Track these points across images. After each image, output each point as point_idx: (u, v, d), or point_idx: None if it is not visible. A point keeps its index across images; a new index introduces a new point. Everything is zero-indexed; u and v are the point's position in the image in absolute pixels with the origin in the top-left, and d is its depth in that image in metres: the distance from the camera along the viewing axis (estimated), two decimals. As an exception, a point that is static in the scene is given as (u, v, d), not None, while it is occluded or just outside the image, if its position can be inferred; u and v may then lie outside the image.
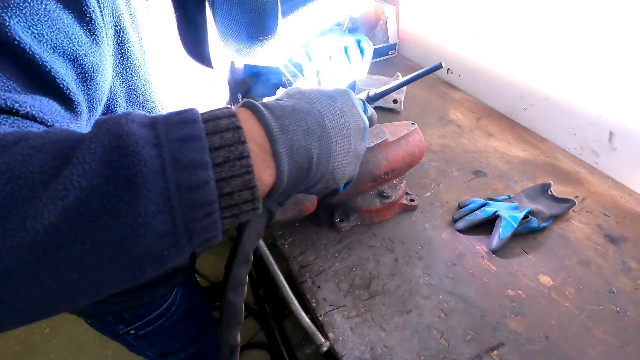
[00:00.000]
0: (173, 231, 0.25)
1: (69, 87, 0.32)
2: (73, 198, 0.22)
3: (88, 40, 0.34)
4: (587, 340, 0.60)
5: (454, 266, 0.70)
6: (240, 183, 0.27)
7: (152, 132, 0.25)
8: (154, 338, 0.78)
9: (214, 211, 0.26)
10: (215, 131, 0.27)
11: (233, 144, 0.27)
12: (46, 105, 0.30)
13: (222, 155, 0.26)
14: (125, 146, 0.24)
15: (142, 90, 0.44)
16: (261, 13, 0.47)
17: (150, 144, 0.24)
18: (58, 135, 0.25)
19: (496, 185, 0.88)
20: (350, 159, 0.38)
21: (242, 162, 0.27)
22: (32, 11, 0.30)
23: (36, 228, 0.22)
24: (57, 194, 0.22)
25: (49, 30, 0.31)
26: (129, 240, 0.24)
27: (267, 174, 0.30)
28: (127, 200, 0.23)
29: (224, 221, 0.27)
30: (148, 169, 0.24)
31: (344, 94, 0.39)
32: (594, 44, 0.86)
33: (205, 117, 0.27)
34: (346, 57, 0.72)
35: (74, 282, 0.24)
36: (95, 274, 0.24)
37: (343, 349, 0.58)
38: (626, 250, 0.74)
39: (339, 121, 0.36)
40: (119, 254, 0.24)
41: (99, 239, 0.23)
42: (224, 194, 0.26)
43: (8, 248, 0.21)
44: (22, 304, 0.24)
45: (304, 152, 0.33)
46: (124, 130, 0.24)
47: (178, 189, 0.24)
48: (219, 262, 1.78)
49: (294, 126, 0.32)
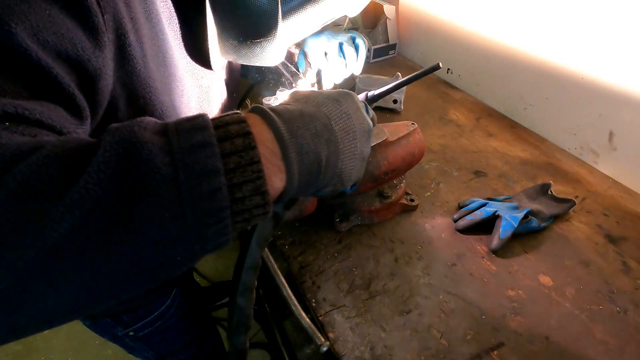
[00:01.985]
0: (186, 237, 0.25)
1: (74, 93, 0.33)
2: (89, 206, 0.23)
3: (91, 45, 0.35)
4: (587, 340, 0.60)
5: (454, 266, 0.70)
6: (252, 188, 0.27)
7: (165, 140, 0.25)
8: (153, 340, 0.78)
9: (226, 217, 0.26)
10: (226, 137, 0.27)
11: (244, 149, 0.27)
12: (53, 112, 0.30)
13: (233, 161, 0.27)
14: (138, 154, 0.24)
15: (143, 94, 0.44)
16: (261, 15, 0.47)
17: (163, 151, 0.25)
18: (72, 144, 0.25)
19: (496, 185, 0.88)
20: (357, 161, 0.38)
21: (254, 168, 0.27)
22: (37, 18, 0.30)
23: (53, 236, 0.22)
24: (74, 203, 0.22)
25: (53, 36, 0.31)
26: (143, 247, 0.24)
27: (277, 178, 0.30)
28: (141, 207, 0.24)
29: (235, 226, 0.28)
30: (161, 176, 0.24)
31: (348, 96, 0.39)
32: (594, 44, 0.86)
33: (216, 124, 0.28)
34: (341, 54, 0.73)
35: (89, 288, 0.24)
36: (110, 280, 0.25)
37: (343, 349, 0.58)
38: (626, 250, 0.74)
39: (345, 124, 0.37)
40: (133, 260, 0.25)
41: (114, 246, 0.23)
42: (235, 199, 0.27)
43: (26, 256, 0.22)
44: (39, 311, 0.24)
45: (313, 155, 0.33)
46: (137, 138, 0.25)
47: (191, 196, 0.25)
48: (218, 262, 1.78)
49: (303, 130, 0.32)
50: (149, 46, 0.44)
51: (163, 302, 0.75)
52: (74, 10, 0.33)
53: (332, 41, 0.73)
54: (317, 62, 0.74)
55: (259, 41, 0.50)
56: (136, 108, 0.45)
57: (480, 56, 1.16)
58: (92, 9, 0.34)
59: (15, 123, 0.26)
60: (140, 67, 0.42)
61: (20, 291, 0.22)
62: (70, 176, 0.23)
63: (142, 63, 0.43)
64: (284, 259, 0.72)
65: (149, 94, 0.45)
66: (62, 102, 0.32)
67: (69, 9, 0.32)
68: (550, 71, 0.97)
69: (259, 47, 0.51)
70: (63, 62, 0.32)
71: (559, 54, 0.94)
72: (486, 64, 1.15)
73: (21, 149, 0.24)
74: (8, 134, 0.25)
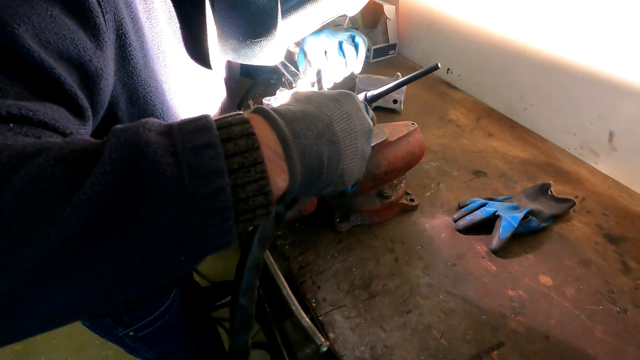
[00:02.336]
0: (191, 237, 0.25)
1: (76, 93, 0.33)
2: (95, 208, 0.23)
3: (92, 45, 0.35)
4: (587, 340, 0.60)
5: (454, 266, 0.70)
6: (255, 188, 0.27)
7: (169, 141, 0.26)
8: (153, 340, 0.78)
9: (229, 217, 0.27)
10: (229, 138, 0.27)
11: (247, 150, 0.27)
12: (56, 112, 0.30)
13: (237, 161, 0.27)
14: (144, 156, 0.24)
15: (143, 94, 0.45)
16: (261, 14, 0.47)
17: (167, 152, 0.25)
18: (77, 145, 0.25)
19: (496, 185, 0.88)
20: (358, 161, 0.39)
21: (257, 168, 0.27)
22: (39, 19, 0.30)
23: (61, 238, 0.22)
24: (81, 204, 0.23)
25: (55, 37, 0.31)
26: (148, 247, 0.24)
27: (280, 179, 0.31)
28: (147, 208, 0.24)
29: (238, 225, 0.28)
30: (167, 177, 0.24)
31: (348, 97, 0.39)
32: (594, 44, 0.86)
33: (219, 124, 0.28)
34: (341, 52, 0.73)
35: (95, 288, 0.25)
36: (115, 280, 0.25)
37: (343, 349, 0.58)
38: (626, 250, 0.74)
39: (346, 124, 0.37)
40: (139, 260, 0.25)
41: (120, 247, 0.24)
42: (239, 200, 0.27)
43: (33, 258, 0.22)
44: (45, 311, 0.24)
45: (315, 156, 0.33)
46: (143, 140, 0.25)
47: (195, 196, 0.25)
48: (219, 262, 1.78)
49: (305, 131, 0.33)
50: (150, 46, 0.44)
51: (163, 302, 0.75)
52: (75, 10, 0.33)
53: (331, 40, 0.73)
54: (317, 60, 0.74)
55: (259, 40, 0.50)
56: (137, 108, 0.45)
57: (481, 56, 1.16)
58: (94, 9, 0.34)
59: (20, 124, 0.27)
60: (140, 67, 0.42)
61: (27, 292, 0.22)
62: (76, 178, 0.23)
63: (143, 63, 0.43)
64: (284, 259, 0.72)
65: (149, 94, 0.45)
66: (64, 102, 0.32)
67: (70, 9, 0.32)
68: (551, 71, 0.97)
69: (259, 46, 0.51)
70: (65, 62, 0.32)
71: (559, 54, 0.94)
72: (486, 63, 1.15)
73: (27, 150, 0.24)
74: (13, 135, 0.25)
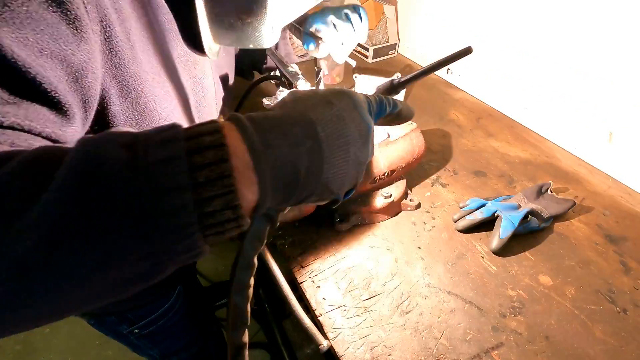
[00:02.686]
0: (153, 253, 0.25)
1: (57, 91, 0.32)
2: (47, 227, 0.22)
3: (75, 38, 0.34)
4: (587, 340, 0.60)
5: (454, 266, 0.70)
6: (223, 202, 0.26)
7: (130, 154, 0.25)
8: (157, 337, 0.79)
9: (193, 232, 0.26)
10: (197, 150, 0.26)
11: (215, 162, 0.26)
12: (32, 113, 0.30)
13: (203, 174, 0.26)
14: (99, 172, 0.23)
15: (134, 86, 0.44)
16: None
17: (127, 167, 0.24)
18: (39, 158, 0.25)
19: (496, 185, 0.88)
20: (349, 168, 0.35)
21: (224, 182, 0.26)
22: (13, 15, 0.29)
23: (20, 250, 0.22)
24: (32, 222, 0.22)
25: (33, 33, 0.30)
26: (108, 264, 0.24)
27: (250, 191, 0.29)
28: (103, 227, 0.23)
29: (207, 239, 0.27)
30: (123, 194, 0.23)
31: (342, 96, 0.36)
32: (594, 44, 0.86)
33: (189, 134, 0.27)
34: (349, 22, 0.76)
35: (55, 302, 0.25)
36: (76, 294, 0.25)
37: (343, 349, 0.58)
38: (626, 250, 0.74)
39: (334, 128, 0.33)
40: (100, 276, 0.24)
41: (77, 265, 0.23)
42: (205, 214, 0.26)
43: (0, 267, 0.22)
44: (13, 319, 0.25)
45: (290, 166, 0.31)
46: (102, 154, 0.24)
47: (153, 213, 0.24)
48: (219, 263, 1.78)
49: (280, 140, 0.30)
50: (138, 37, 0.43)
51: (167, 300, 0.75)
52: (53, 3, 0.32)
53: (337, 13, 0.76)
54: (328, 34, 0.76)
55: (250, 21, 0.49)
56: (129, 101, 0.44)
57: (480, 56, 1.16)
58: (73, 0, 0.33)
59: None
60: (128, 58, 0.42)
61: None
62: (31, 195, 0.23)
63: (131, 54, 0.42)
64: (284, 259, 0.72)
65: (140, 86, 0.44)
66: (43, 101, 0.31)
67: (48, 2, 0.32)
68: (551, 71, 0.97)
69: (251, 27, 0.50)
70: (47, 58, 0.31)
71: (559, 54, 0.94)
72: (486, 63, 1.15)
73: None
74: None
